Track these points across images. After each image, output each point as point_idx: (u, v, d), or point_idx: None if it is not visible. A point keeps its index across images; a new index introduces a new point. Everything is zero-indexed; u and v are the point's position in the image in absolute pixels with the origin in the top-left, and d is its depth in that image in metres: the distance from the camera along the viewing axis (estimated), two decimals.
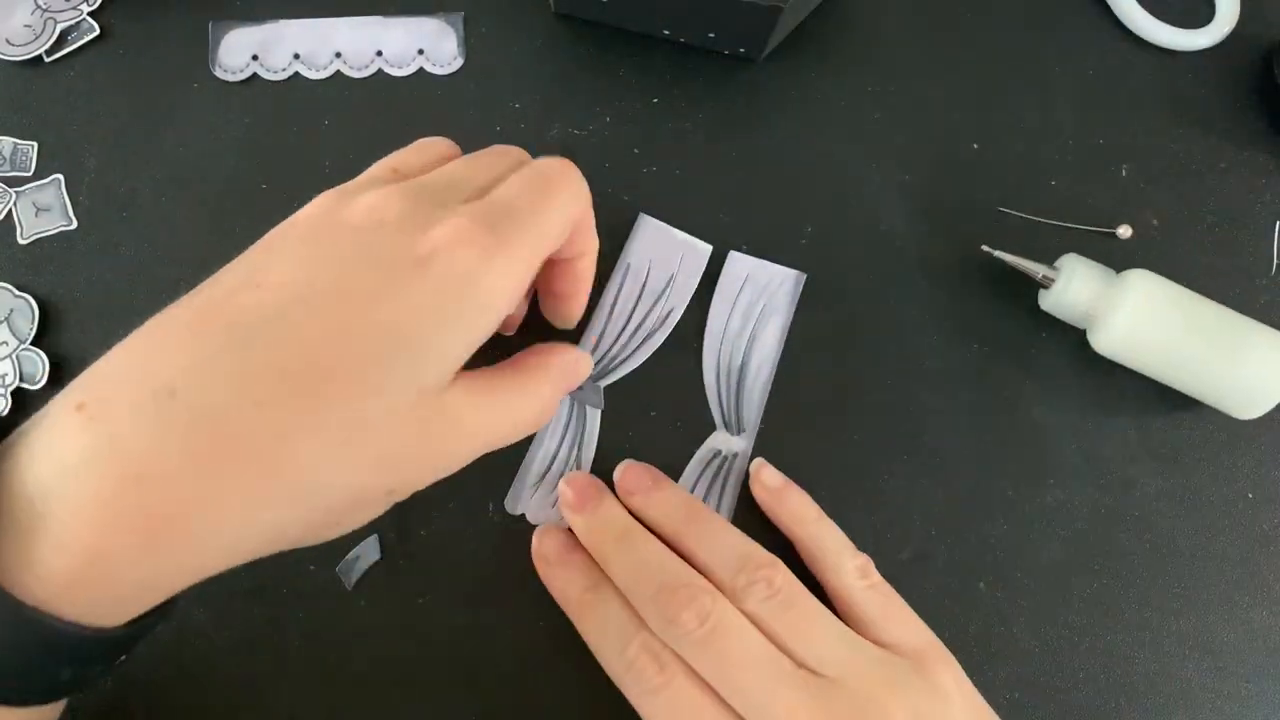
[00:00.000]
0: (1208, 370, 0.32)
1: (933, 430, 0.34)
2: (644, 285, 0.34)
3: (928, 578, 0.33)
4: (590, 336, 0.34)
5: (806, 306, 0.35)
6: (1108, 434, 0.35)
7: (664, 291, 0.34)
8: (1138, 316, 0.32)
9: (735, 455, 0.33)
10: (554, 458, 0.33)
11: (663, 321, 0.34)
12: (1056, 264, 0.33)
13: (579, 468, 0.33)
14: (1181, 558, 0.34)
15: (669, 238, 0.35)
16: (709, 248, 0.35)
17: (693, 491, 0.33)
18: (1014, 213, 0.36)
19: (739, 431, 0.33)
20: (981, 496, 0.34)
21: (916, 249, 0.36)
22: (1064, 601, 0.33)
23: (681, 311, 0.34)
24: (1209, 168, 0.37)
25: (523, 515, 0.33)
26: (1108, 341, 0.33)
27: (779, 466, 0.33)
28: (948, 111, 0.37)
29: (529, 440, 0.33)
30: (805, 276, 0.35)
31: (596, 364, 0.34)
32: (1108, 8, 0.39)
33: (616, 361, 0.34)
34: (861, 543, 0.33)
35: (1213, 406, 0.33)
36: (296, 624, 0.32)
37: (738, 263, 0.35)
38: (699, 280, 0.34)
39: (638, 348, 0.34)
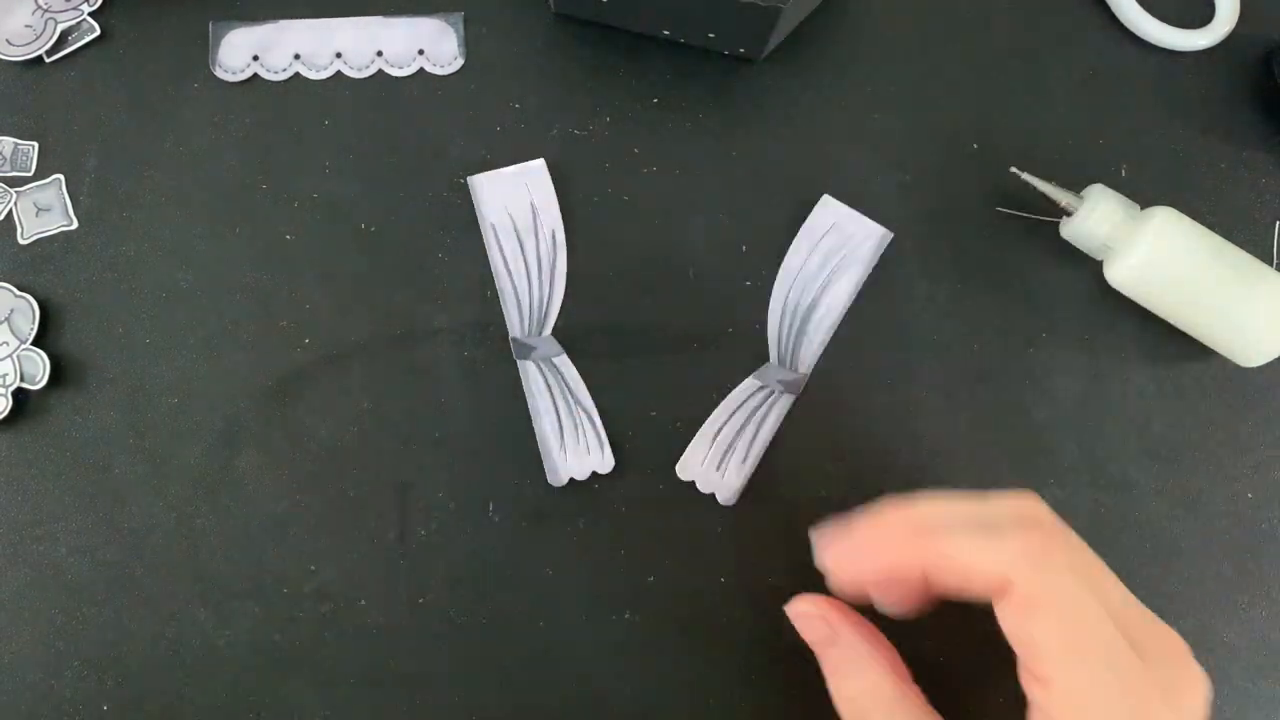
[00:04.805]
0: (1219, 309, 0.33)
1: (932, 431, 0.34)
2: (516, 230, 0.35)
3: None
4: (508, 304, 0.34)
5: None
6: (1109, 435, 0.35)
7: (535, 223, 0.35)
8: (1157, 249, 0.32)
9: (783, 390, 0.34)
10: (559, 419, 0.33)
11: (554, 246, 0.35)
12: (1082, 193, 0.34)
13: (588, 416, 0.33)
14: (1181, 557, 0.34)
15: (505, 179, 0.35)
16: (541, 161, 0.35)
17: (728, 420, 0.33)
18: (1013, 212, 0.36)
19: (793, 369, 0.34)
20: None
21: (916, 249, 0.36)
22: None
23: (562, 228, 0.35)
24: (1209, 168, 0.37)
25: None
26: (1124, 271, 0.33)
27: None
28: (948, 111, 0.37)
29: (528, 425, 0.33)
30: (892, 236, 0.35)
31: (530, 320, 0.34)
32: (1107, 8, 0.39)
33: (546, 306, 0.34)
34: None
35: (1220, 353, 0.34)
36: (296, 624, 0.32)
37: (828, 208, 0.35)
38: (554, 191, 0.35)
39: (551, 283, 0.34)
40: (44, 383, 0.32)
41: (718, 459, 0.33)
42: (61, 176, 0.35)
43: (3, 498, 0.33)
